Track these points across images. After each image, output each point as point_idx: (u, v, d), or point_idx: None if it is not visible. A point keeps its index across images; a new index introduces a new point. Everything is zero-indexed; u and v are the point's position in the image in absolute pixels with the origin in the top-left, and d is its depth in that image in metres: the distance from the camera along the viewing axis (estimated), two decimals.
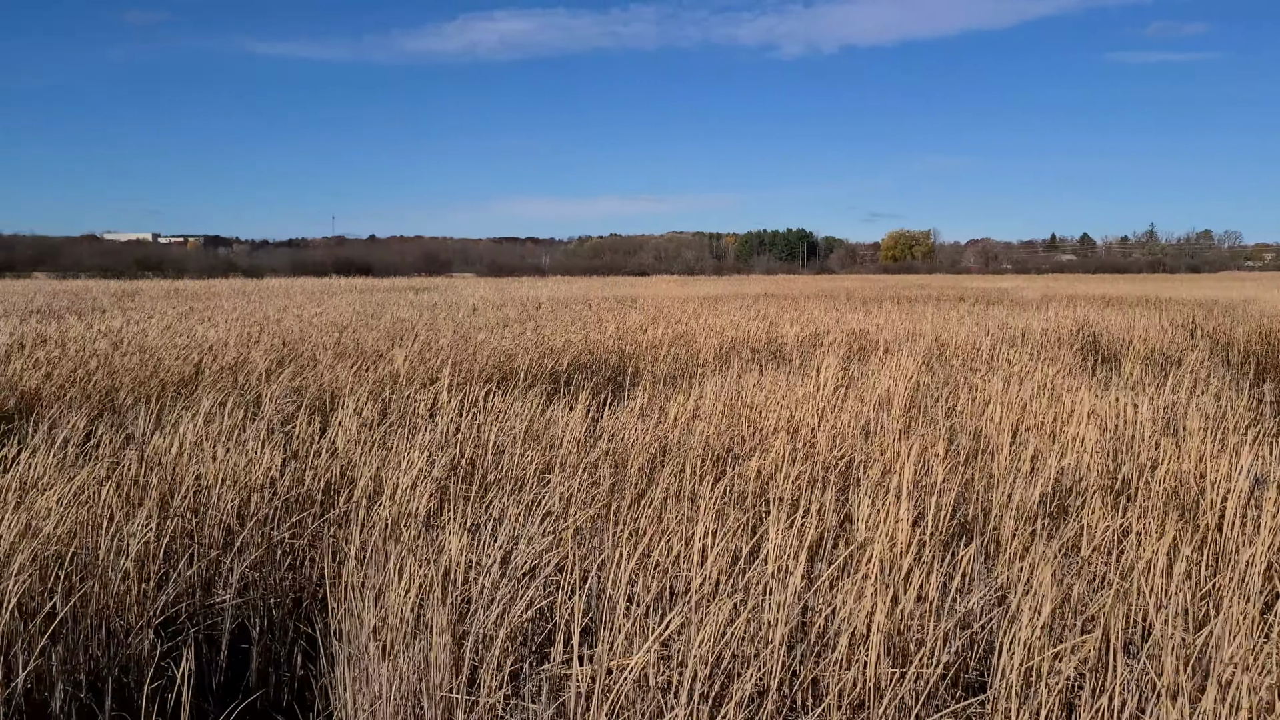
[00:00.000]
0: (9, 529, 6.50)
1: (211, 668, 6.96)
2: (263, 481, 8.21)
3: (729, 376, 11.69)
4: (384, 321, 24.45)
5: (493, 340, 18.69)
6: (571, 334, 20.03)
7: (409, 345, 17.72)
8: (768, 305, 32.82)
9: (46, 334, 20.78)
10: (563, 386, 13.62)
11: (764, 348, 17.80)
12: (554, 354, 16.49)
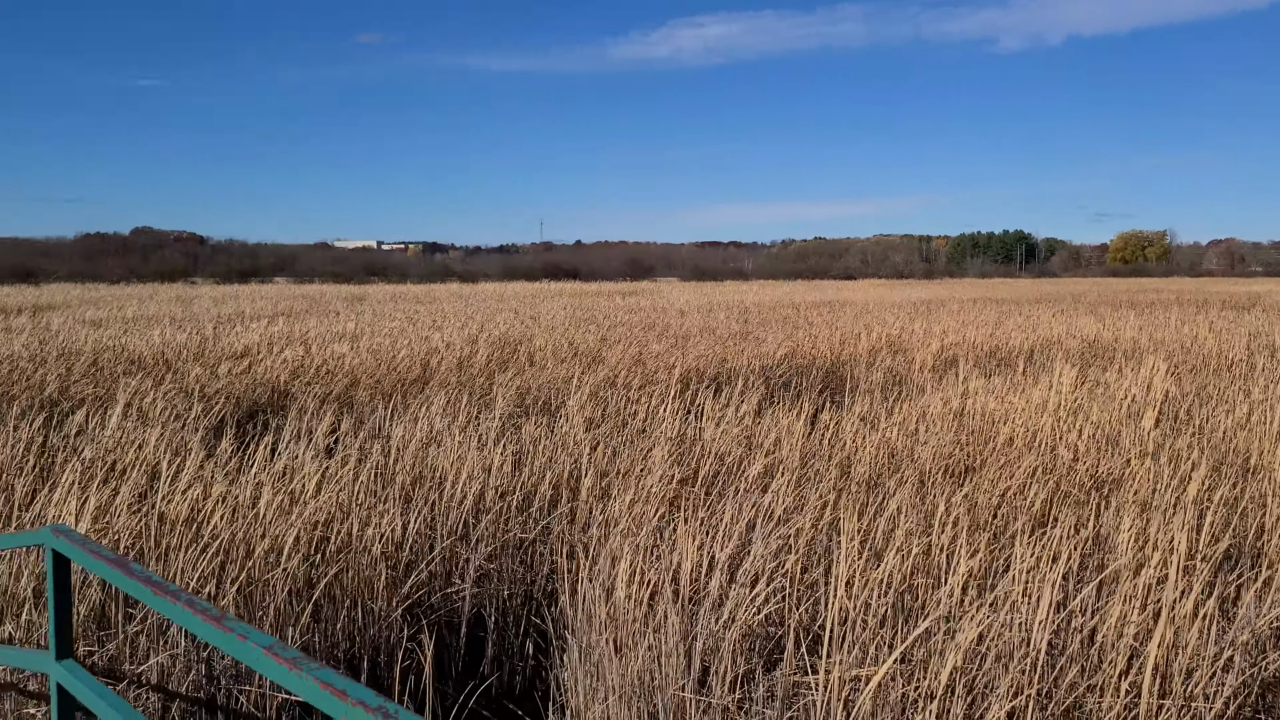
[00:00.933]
0: (279, 514, 7.06)
1: (451, 653, 7.32)
2: (496, 477, 8.57)
3: (952, 384, 11.29)
4: (597, 324, 25.08)
5: (704, 344, 18.82)
6: (782, 338, 19.90)
7: (623, 348, 18.09)
8: (985, 310, 31.51)
9: (291, 334, 22.49)
10: (778, 391, 13.54)
11: (987, 354, 17.09)
12: (766, 358, 16.43)
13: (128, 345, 19.33)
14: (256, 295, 55.46)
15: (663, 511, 7.83)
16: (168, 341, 20.31)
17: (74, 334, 22.04)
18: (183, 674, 6.14)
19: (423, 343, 20.03)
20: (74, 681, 2.44)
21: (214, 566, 6.59)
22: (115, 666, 6.24)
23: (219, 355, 18.46)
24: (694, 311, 32.48)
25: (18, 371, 16.16)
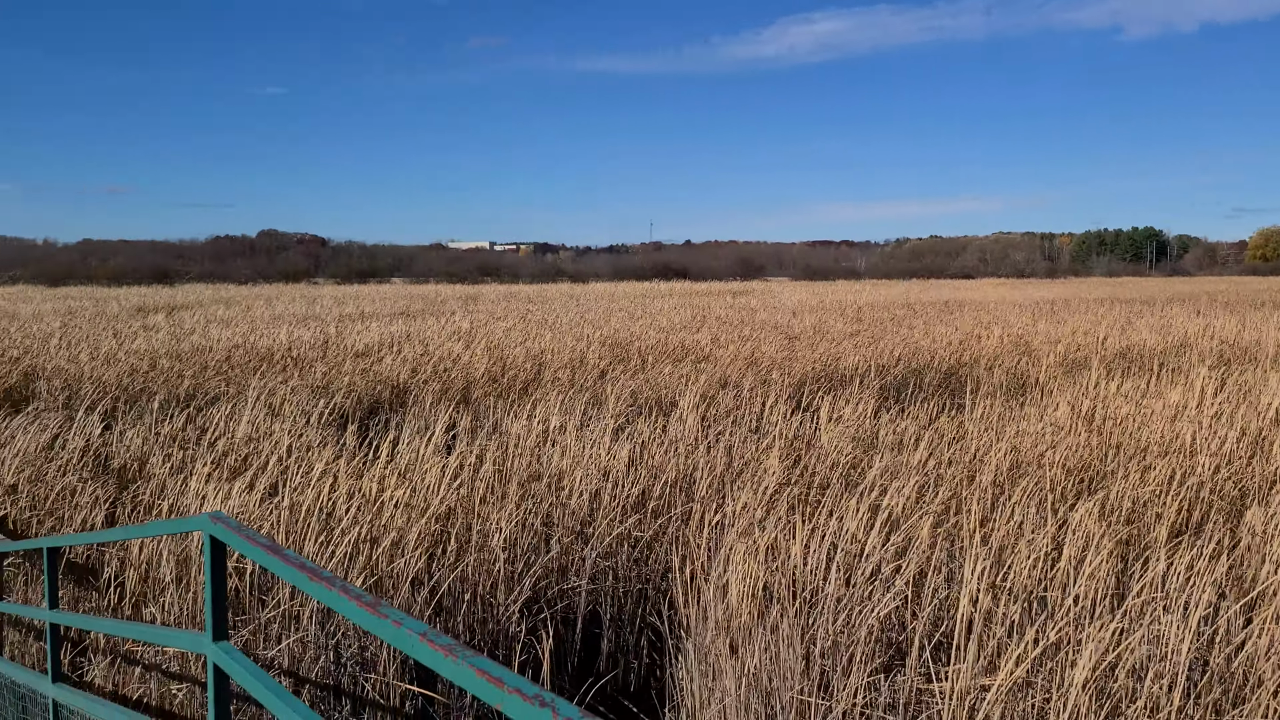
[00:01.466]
0: (402, 509, 7.26)
1: (568, 648, 7.41)
2: (612, 475, 8.64)
3: (1080, 386, 10.90)
4: (707, 324, 25.07)
5: (816, 344, 18.61)
6: (897, 339, 19.54)
7: (734, 349, 18.03)
8: (1113, 310, 30.35)
9: (410, 333, 23.10)
10: (893, 393, 13.30)
11: (1117, 355, 16.45)
12: (881, 359, 16.16)
13: (257, 343, 20.15)
14: (375, 295, 57.15)
15: (777, 512, 7.78)
16: (294, 340, 21.09)
17: (207, 332, 23.09)
18: (312, 660, 6.36)
19: (536, 342, 20.33)
20: (230, 663, 2.55)
21: (341, 557, 6.81)
22: (249, 650, 6.52)
23: (342, 353, 19.09)
24: (805, 311, 32.16)
25: (157, 369, 17.01)
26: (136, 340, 20.64)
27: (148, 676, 6.48)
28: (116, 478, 9.82)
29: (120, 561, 7.52)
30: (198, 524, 2.69)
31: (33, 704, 4.48)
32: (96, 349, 19.28)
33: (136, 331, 23.65)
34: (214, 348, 19.40)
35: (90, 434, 10.82)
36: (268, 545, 2.39)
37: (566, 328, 24.16)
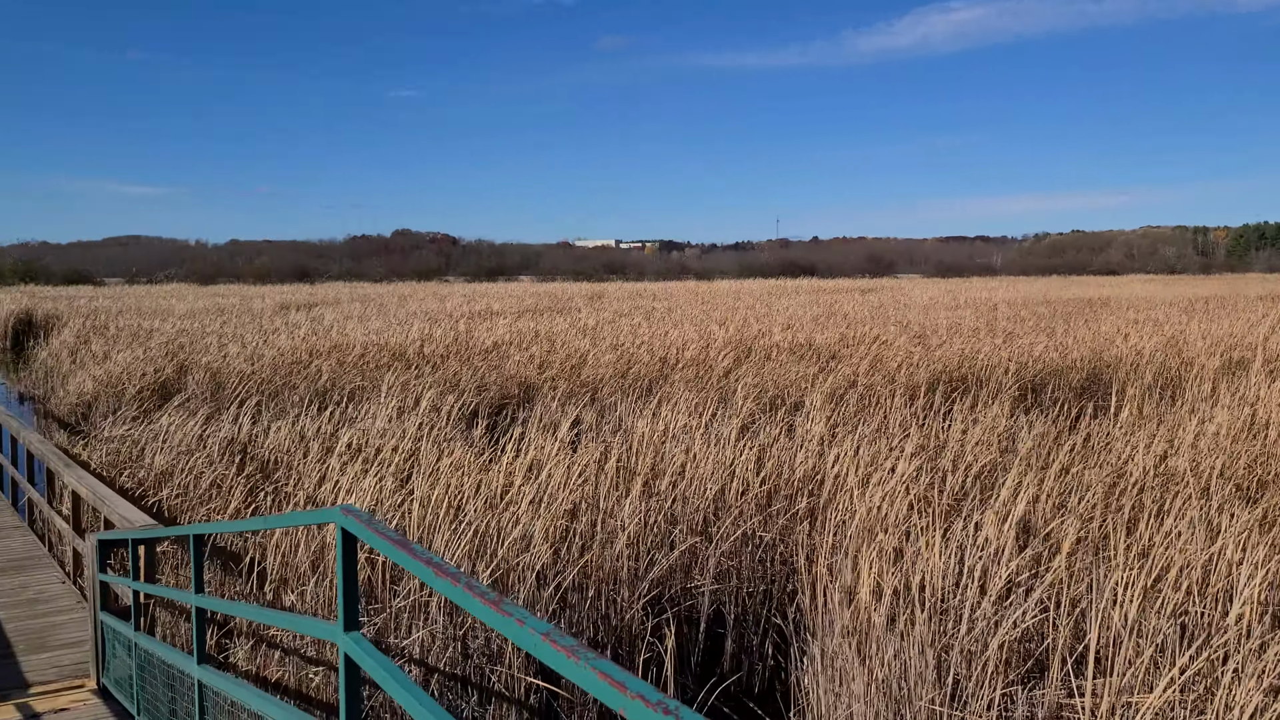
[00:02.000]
0: (529, 503, 7.33)
1: (691, 647, 7.36)
2: (737, 474, 8.55)
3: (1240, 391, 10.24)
4: (835, 322, 24.65)
5: (949, 343, 18.06)
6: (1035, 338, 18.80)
7: (864, 347, 17.67)
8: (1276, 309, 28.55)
9: (537, 330, 23.43)
10: (1031, 394, 12.81)
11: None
12: (1019, 359, 15.56)
13: (390, 340, 20.76)
14: (503, 293, 58.32)
15: (907, 516, 7.55)
16: (425, 337, 21.65)
17: (344, 329, 23.93)
18: (440, 650, 6.48)
19: (660, 339, 20.35)
20: (360, 653, 2.59)
21: (469, 550, 6.92)
22: (381, 639, 6.68)
23: (471, 350, 19.51)
24: (937, 309, 31.31)
25: (298, 364, 17.71)
26: (279, 336, 21.54)
27: (286, 660, 6.71)
28: (260, 467, 10.24)
29: (262, 548, 7.83)
30: (330, 516, 2.74)
31: (180, 683, 4.68)
32: (242, 344, 20.21)
33: (279, 328, 24.69)
34: (350, 344, 20.08)
35: (236, 426, 11.32)
36: (396, 539, 2.41)
37: (691, 325, 24.12)
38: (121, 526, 6.75)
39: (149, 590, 5.49)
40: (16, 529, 10.29)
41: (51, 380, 22.58)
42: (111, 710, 5.82)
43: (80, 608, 7.81)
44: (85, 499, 8.03)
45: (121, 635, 5.84)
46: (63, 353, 24.07)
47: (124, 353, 19.83)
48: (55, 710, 5.86)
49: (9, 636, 7.22)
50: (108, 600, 6.40)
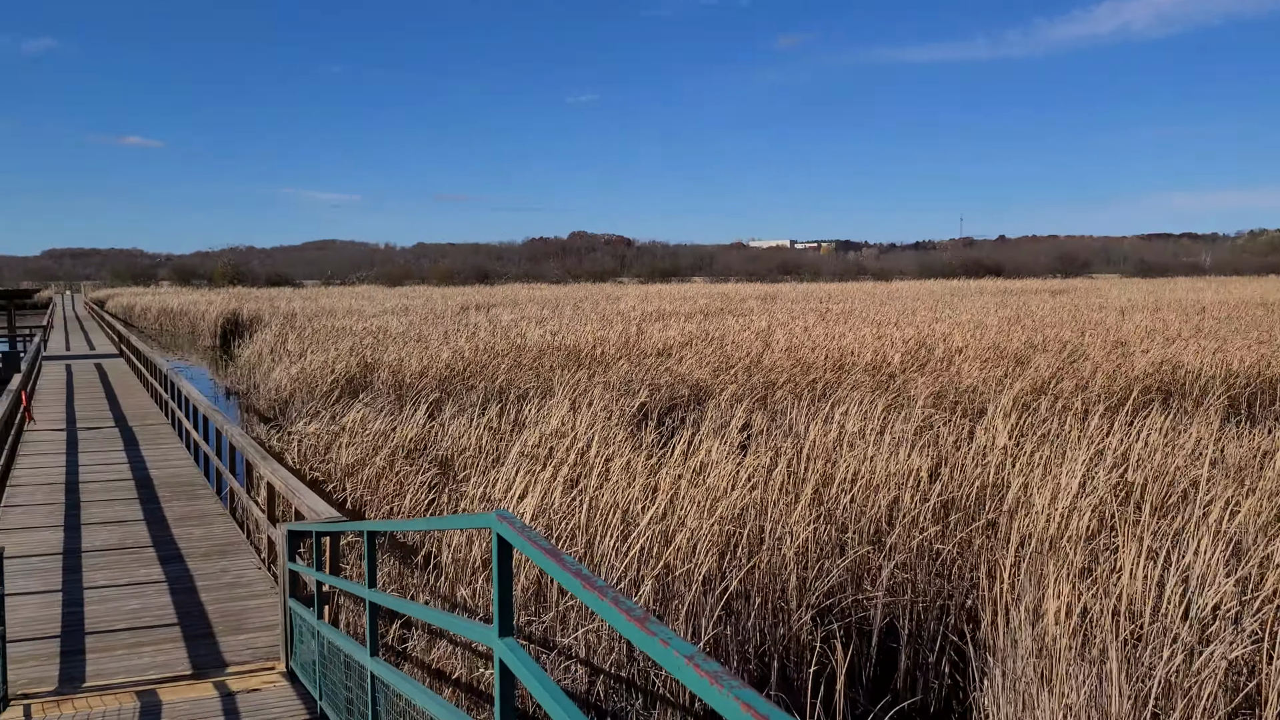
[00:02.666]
0: (696, 508, 7.26)
1: (862, 661, 7.11)
2: (912, 483, 8.22)
3: None
4: (1022, 325, 23.53)
5: (1149, 348, 16.91)
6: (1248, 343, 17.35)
7: (1052, 352, 16.77)
8: None
9: (709, 332, 23.38)
10: (1243, 404, 11.80)
11: None
12: (1229, 366, 14.38)
13: (564, 341, 21.16)
14: (676, 294, 58.65)
15: (1098, 532, 7.06)
16: (599, 338, 21.96)
17: (521, 330, 24.57)
18: (606, 652, 6.50)
19: (835, 342, 19.93)
20: (513, 659, 2.57)
21: (636, 553, 6.90)
22: (549, 637, 6.76)
23: (642, 351, 19.65)
24: (1136, 311, 29.45)
25: (476, 364, 18.28)
26: (459, 337, 22.31)
27: (458, 654, 6.88)
28: (438, 464, 10.60)
29: (438, 543, 8.07)
30: (485, 521, 2.73)
31: (357, 673, 4.84)
32: (425, 344, 21.04)
33: (459, 328, 25.58)
34: (526, 345, 20.58)
35: (417, 424, 11.76)
36: (548, 548, 2.37)
37: (867, 327, 23.53)
38: (309, 518, 7.07)
39: (330, 581, 5.72)
40: (219, 516, 10.99)
41: (253, 376, 24.17)
42: (297, 693, 6.08)
43: (273, 593, 8.24)
44: (279, 490, 8.47)
45: (307, 622, 6.11)
46: (263, 351, 25.71)
47: (316, 352, 20.99)
48: (248, 690, 6.18)
49: (210, 618, 7.69)
50: (296, 588, 6.71)
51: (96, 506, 11.44)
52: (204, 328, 46.77)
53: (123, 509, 11.31)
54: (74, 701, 6.09)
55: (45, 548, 9.68)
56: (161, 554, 9.46)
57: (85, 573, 8.87)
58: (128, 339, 31.23)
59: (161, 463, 14.26)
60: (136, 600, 8.09)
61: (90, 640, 7.22)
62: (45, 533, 10.26)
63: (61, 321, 61.00)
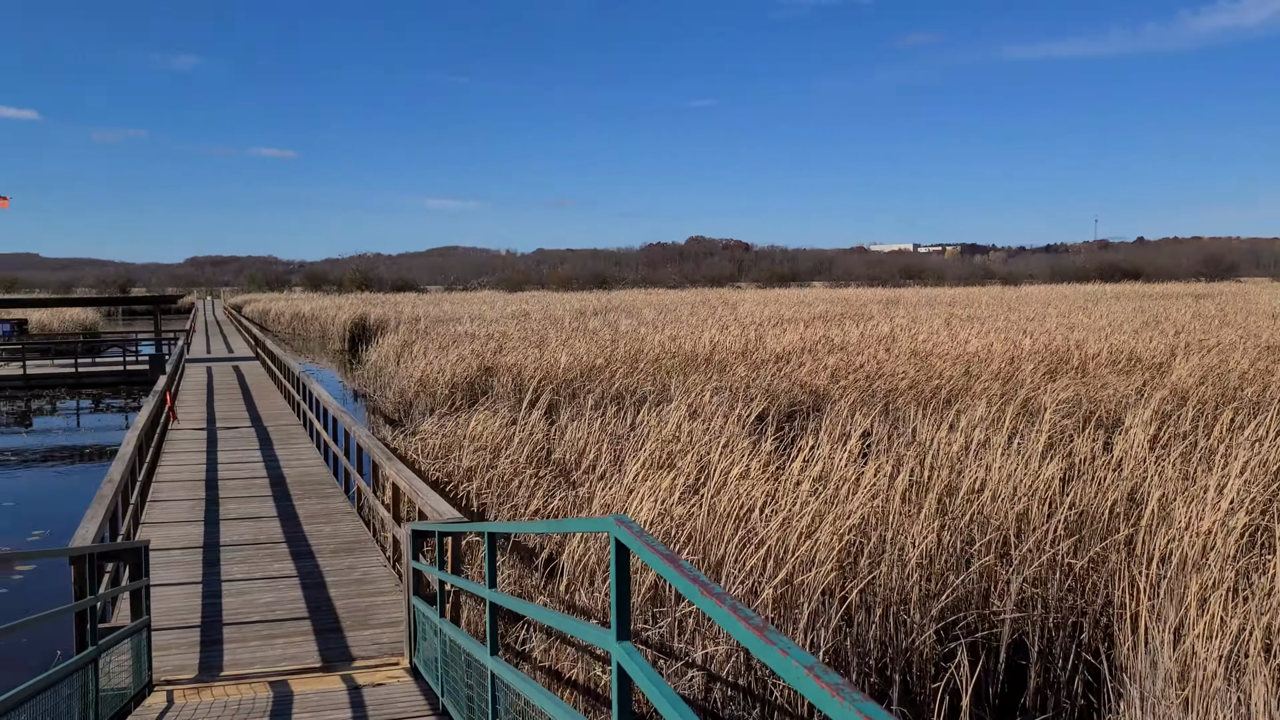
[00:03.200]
0: (816, 517, 7.13)
1: (989, 678, 6.86)
2: (1043, 494, 7.90)
3: None
4: (1162, 331, 22.46)
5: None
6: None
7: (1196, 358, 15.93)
8: None
9: (829, 337, 23.04)
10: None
11: None
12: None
13: (682, 346, 21.15)
14: (795, 299, 58.06)
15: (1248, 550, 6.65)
16: (716, 343, 21.88)
17: (638, 335, 24.67)
18: (724, 660, 6.43)
19: (960, 348, 19.39)
20: (629, 662, 2.55)
21: (756, 561, 6.82)
22: (666, 643, 6.73)
23: (761, 357, 19.48)
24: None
25: (593, 368, 18.43)
26: (577, 341, 22.53)
27: (578, 656, 6.92)
28: (557, 467, 10.71)
29: (558, 545, 8.14)
30: (603, 525, 2.72)
31: (477, 672, 4.91)
32: (544, 348, 21.32)
33: (577, 333, 25.85)
34: (643, 350, 20.65)
35: (535, 427, 11.91)
36: (665, 554, 2.34)
37: (994, 333, 22.82)
38: (432, 518, 7.23)
39: (452, 580, 5.82)
40: (348, 515, 11.35)
41: (379, 379, 24.93)
42: (420, 689, 6.21)
43: (397, 591, 8.45)
44: (403, 490, 8.69)
45: (430, 620, 6.23)
46: (388, 355, 26.48)
47: (438, 356, 21.50)
48: (373, 684, 6.34)
49: (338, 613, 7.93)
50: (420, 586, 6.87)
51: (234, 503, 11.96)
52: (333, 332, 48.50)
53: (258, 505, 11.80)
54: (212, 689, 6.36)
55: (187, 541, 10.16)
56: (293, 550, 9.83)
57: (223, 566, 9.28)
58: (263, 343, 32.63)
59: (293, 462, 14.83)
60: (270, 594, 8.41)
61: (227, 631, 7.53)
62: (187, 527, 10.77)
63: (203, 326, 64.19)
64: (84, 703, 5.02)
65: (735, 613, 1.95)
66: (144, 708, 5.98)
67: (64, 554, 5.51)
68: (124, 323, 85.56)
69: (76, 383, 31.23)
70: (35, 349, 38.20)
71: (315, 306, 61.41)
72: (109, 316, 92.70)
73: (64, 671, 4.63)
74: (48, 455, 19.64)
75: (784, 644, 1.80)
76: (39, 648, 8.44)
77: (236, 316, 68.85)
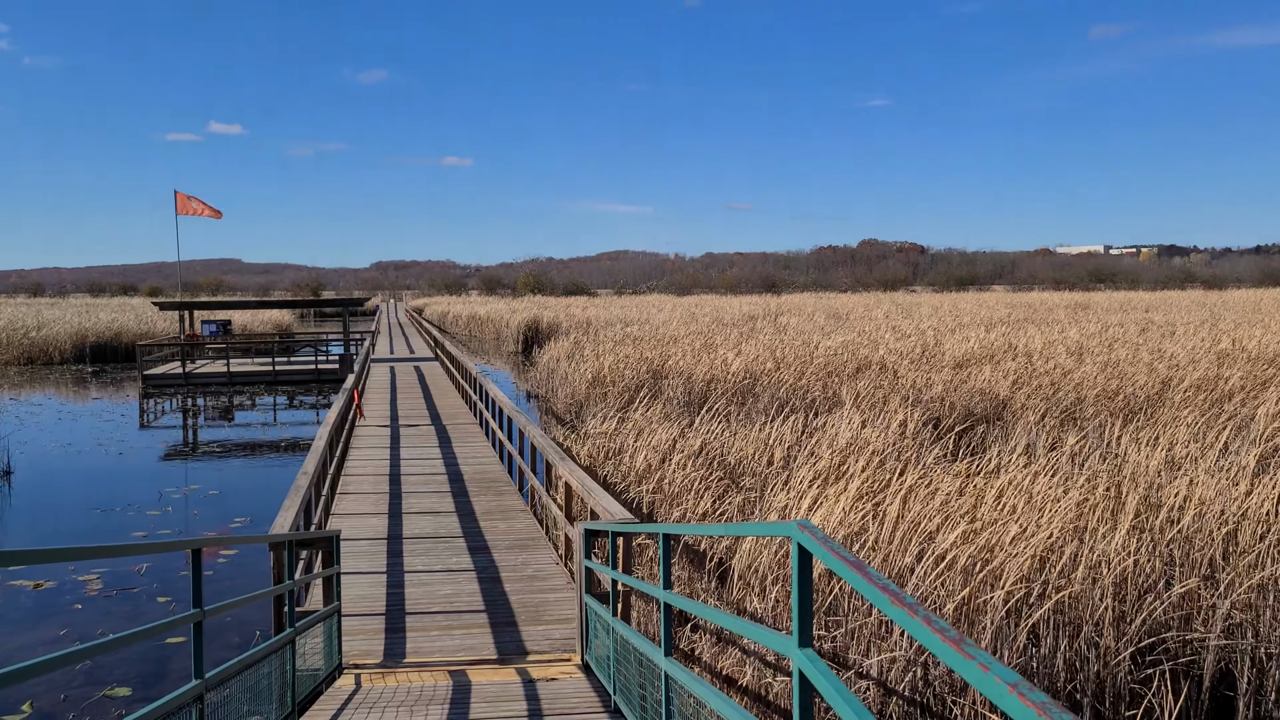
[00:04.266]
0: (1000, 532, 6.82)
1: (1193, 709, 6.39)
2: (1252, 512, 7.31)
3: None
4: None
5: None
6: None
7: None
8: None
9: (1011, 344, 22.10)
10: None
11: None
12: None
13: (855, 352, 20.72)
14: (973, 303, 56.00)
15: None
16: (890, 349, 21.33)
17: (808, 339, 24.33)
18: (900, 674, 6.23)
19: (1157, 356, 18.25)
20: (812, 670, 2.49)
21: (933, 574, 6.58)
22: (840, 654, 6.58)
23: (936, 362, 18.87)
24: None
25: (763, 372, 18.28)
26: (746, 345, 22.41)
27: (745, 661, 6.86)
28: (726, 472, 10.65)
29: (727, 550, 8.10)
30: (786, 530, 2.67)
31: (649, 670, 4.93)
32: (713, 351, 21.31)
33: (745, 337, 25.72)
34: (813, 354, 20.34)
35: (706, 432, 11.90)
36: (852, 560, 2.27)
37: (1196, 341, 21.36)
38: (603, 518, 7.32)
39: (624, 580, 5.86)
40: (521, 512, 11.64)
41: (551, 381, 25.51)
42: (592, 686, 6.28)
43: (568, 588, 8.60)
44: (575, 490, 8.83)
45: (601, 618, 6.30)
46: (560, 357, 27.05)
47: (607, 358, 21.81)
48: (546, 679, 6.46)
49: (513, 607, 8.13)
50: (591, 584, 6.95)
51: (415, 497, 12.46)
52: (507, 334, 49.99)
53: (437, 501, 12.26)
54: (396, 674, 6.63)
55: (372, 532, 10.65)
56: (470, 544, 10.15)
57: (405, 557, 9.67)
58: (442, 344, 33.94)
59: (470, 459, 15.34)
60: (449, 586, 8.71)
61: (409, 620, 7.84)
62: (372, 519, 11.29)
63: (386, 327, 67.38)
64: (283, 680, 5.31)
65: (930, 624, 1.87)
66: (335, 689, 6.28)
67: (265, 540, 5.84)
68: (315, 324, 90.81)
69: (273, 380, 33.30)
70: (237, 348, 41.02)
71: (490, 309, 63.45)
72: (302, 318, 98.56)
73: (269, 649, 4.91)
74: (247, 447, 21.00)
75: (984, 658, 1.71)
76: (235, 627, 9.03)
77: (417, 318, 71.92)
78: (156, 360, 36.94)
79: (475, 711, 5.68)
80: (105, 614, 9.66)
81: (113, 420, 24.67)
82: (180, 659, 8.50)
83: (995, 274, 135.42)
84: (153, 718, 3.14)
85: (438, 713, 5.64)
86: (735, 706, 3.38)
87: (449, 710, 5.70)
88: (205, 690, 3.78)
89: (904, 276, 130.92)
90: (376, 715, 5.59)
